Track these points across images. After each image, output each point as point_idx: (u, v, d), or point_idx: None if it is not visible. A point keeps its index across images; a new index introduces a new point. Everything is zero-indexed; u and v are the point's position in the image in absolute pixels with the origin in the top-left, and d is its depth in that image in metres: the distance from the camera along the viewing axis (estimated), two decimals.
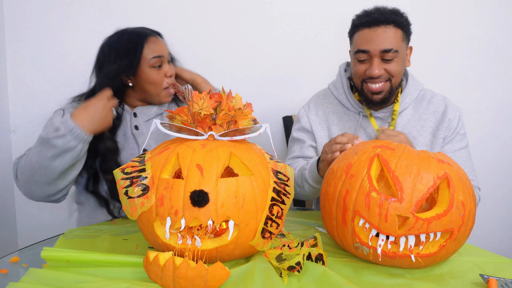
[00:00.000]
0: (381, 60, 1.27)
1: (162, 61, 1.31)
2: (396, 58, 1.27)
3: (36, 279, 0.74)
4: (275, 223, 0.83)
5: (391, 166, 0.85)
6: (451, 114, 1.36)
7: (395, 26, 1.26)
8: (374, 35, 1.25)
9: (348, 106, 1.42)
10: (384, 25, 1.25)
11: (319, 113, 1.46)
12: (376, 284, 0.80)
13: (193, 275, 0.70)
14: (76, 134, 1.08)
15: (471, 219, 0.87)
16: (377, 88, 1.30)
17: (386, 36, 1.25)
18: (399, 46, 1.27)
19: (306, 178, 1.27)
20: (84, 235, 1.05)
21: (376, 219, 0.82)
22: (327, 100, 1.48)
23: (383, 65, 1.27)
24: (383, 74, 1.28)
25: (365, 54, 1.27)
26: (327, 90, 1.51)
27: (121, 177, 0.83)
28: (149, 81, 1.30)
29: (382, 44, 1.25)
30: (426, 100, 1.41)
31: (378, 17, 1.26)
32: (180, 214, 0.77)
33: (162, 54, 1.30)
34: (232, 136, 0.87)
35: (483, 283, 0.81)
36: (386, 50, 1.25)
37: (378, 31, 1.25)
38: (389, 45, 1.25)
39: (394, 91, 1.33)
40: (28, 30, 1.77)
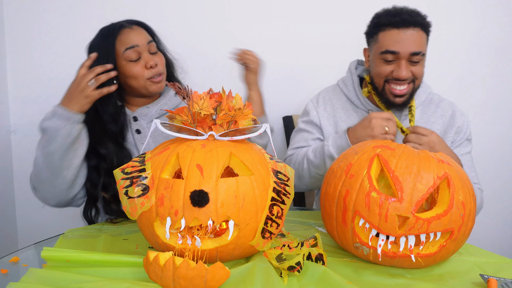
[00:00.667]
0: (408, 62, 1.27)
1: (139, 52, 1.24)
2: (421, 61, 1.28)
3: (36, 279, 0.74)
4: (275, 223, 0.83)
5: (391, 166, 0.85)
6: (461, 120, 1.39)
7: (421, 29, 1.27)
8: (404, 37, 1.25)
9: (357, 103, 1.42)
10: (413, 27, 1.25)
11: (327, 108, 1.46)
12: (376, 284, 0.80)
13: (193, 275, 0.70)
14: (59, 113, 1.13)
15: (471, 219, 0.87)
16: (401, 91, 1.29)
17: (416, 39, 1.25)
18: (425, 49, 1.29)
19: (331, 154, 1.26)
20: (84, 235, 1.05)
21: (376, 219, 0.82)
22: (336, 96, 1.47)
23: (409, 67, 1.27)
24: (410, 76, 1.28)
25: (393, 55, 1.26)
26: (336, 86, 1.51)
27: (121, 177, 0.83)
28: (128, 75, 1.25)
29: (412, 46, 1.24)
30: (434, 103, 1.42)
31: (407, 19, 1.25)
32: (180, 214, 0.77)
33: (135, 44, 1.23)
34: (232, 136, 0.87)
35: (483, 283, 0.81)
36: (415, 53, 1.24)
37: (407, 33, 1.25)
38: (419, 48, 1.25)
39: (414, 93, 1.34)
40: (28, 30, 1.77)
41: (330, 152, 1.26)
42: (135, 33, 1.26)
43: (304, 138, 1.45)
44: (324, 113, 1.45)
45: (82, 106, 1.16)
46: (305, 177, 1.35)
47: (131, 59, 1.24)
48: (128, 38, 1.24)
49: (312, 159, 1.32)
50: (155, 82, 1.28)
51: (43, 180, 1.16)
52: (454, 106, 1.42)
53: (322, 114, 1.45)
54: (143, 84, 1.27)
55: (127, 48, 1.23)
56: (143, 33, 1.28)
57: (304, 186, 1.41)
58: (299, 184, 1.40)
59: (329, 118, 1.45)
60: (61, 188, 1.17)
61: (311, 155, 1.33)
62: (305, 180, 1.37)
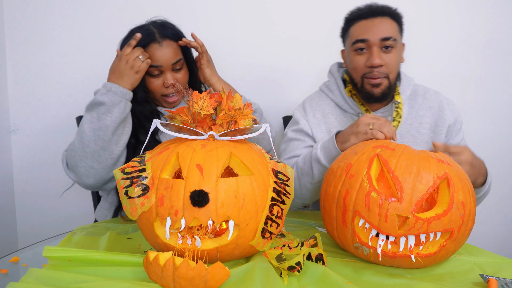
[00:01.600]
0: (380, 49, 1.25)
1: (162, 70, 1.28)
2: (394, 48, 1.26)
3: (36, 279, 0.74)
4: (275, 223, 0.83)
5: (391, 166, 0.85)
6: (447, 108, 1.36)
7: (391, 18, 1.27)
8: (372, 25, 1.25)
9: (346, 108, 1.38)
10: (381, 16, 1.26)
11: (317, 114, 1.40)
12: (376, 284, 0.80)
13: (193, 275, 0.70)
14: (115, 90, 1.19)
15: (471, 219, 0.87)
16: (376, 81, 1.27)
17: (384, 25, 1.25)
18: (397, 36, 1.27)
19: (318, 158, 1.17)
20: (92, 232, 1.05)
21: (376, 219, 0.82)
22: (324, 102, 1.42)
23: (382, 55, 1.25)
24: (383, 64, 1.25)
25: (364, 44, 1.26)
26: (321, 92, 1.46)
27: (121, 177, 0.83)
28: (147, 86, 1.30)
29: (381, 32, 1.24)
30: (420, 95, 1.38)
31: (375, 9, 1.27)
32: (180, 214, 0.77)
33: (159, 64, 1.26)
34: (232, 136, 0.87)
35: (483, 283, 0.81)
36: (385, 37, 1.24)
37: (375, 21, 1.25)
38: (388, 33, 1.24)
39: (393, 87, 1.31)
40: (28, 30, 1.77)
41: (317, 156, 1.17)
42: (162, 52, 1.27)
43: (295, 147, 1.37)
44: (314, 120, 1.39)
45: (134, 82, 1.22)
46: (296, 189, 1.24)
47: (152, 74, 1.28)
48: (154, 55, 1.26)
49: (301, 165, 1.24)
50: (168, 101, 1.32)
51: (88, 155, 1.17)
52: (439, 95, 1.39)
53: (312, 122, 1.39)
54: (158, 98, 1.33)
55: (151, 66, 1.26)
56: (171, 50, 1.28)
57: (298, 200, 1.29)
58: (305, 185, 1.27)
59: (319, 125, 1.39)
60: (106, 164, 1.19)
61: (300, 163, 1.25)
62: (296, 193, 1.25)
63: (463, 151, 1.09)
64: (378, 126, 1.05)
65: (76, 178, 1.21)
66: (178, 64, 1.30)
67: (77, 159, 1.18)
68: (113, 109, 1.17)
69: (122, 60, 1.21)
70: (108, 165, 1.19)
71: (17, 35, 1.77)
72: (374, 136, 1.03)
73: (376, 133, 1.03)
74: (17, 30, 1.77)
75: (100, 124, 1.16)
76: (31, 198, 1.85)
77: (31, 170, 1.84)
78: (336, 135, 1.15)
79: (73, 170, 1.20)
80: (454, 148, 1.10)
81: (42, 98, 1.80)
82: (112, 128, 1.17)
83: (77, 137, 1.19)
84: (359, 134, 1.07)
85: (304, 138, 1.37)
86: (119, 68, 1.21)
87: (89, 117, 1.18)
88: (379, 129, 1.04)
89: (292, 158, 1.33)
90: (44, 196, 1.84)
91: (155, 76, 1.28)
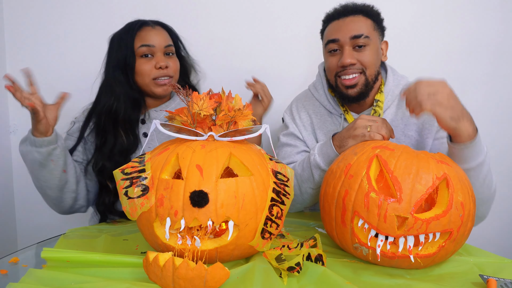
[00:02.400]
0: (352, 48, 1.21)
1: (153, 52, 1.27)
2: (368, 46, 1.21)
3: (36, 280, 0.74)
4: (275, 224, 0.83)
5: (390, 166, 0.85)
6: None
7: (364, 16, 1.23)
8: (343, 24, 1.22)
9: (330, 108, 1.34)
10: (352, 15, 1.22)
11: (303, 116, 1.38)
12: (375, 284, 0.80)
13: (192, 275, 0.70)
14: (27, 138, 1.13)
15: (470, 220, 0.87)
16: (351, 81, 1.22)
17: (355, 23, 1.21)
18: (370, 33, 1.21)
19: (318, 164, 1.15)
20: (85, 235, 1.05)
21: (375, 220, 0.82)
22: (309, 102, 1.39)
23: (354, 54, 1.21)
24: (356, 63, 1.21)
25: (335, 44, 1.22)
26: (308, 91, 1.43)
27: (121, 178, 0.83)
28: (137, 71, 1.28)
29: (352, 30, 1.20)
30: None
31: (346, 8, 1.24)
32: (179, 215, 0.77)
33: (151, 44, 1.26)
34: (232, 136, 0.87)
35: (482, 283, 0.81)
36: (356, 36, 1.19)
37: (346, 20, 1.22)
38: (359, 30, 1.20)
39: (371, 85, 1.24)
40: (27, 30, 1.77)
41: (316, 162, 1.15)
42: (155, 32, 1.29)
43: (288, 153, 1.34)
44: (301, 122, 1.37)
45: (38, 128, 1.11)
46: (296, 195, 1.22)
47: (143, 54, 1.27)
48: (146, 35, 1.27)
49: (300, 172, 1.21)
50: (159, 84, 1.30)
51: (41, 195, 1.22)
52: None
53: (300, 125, 1.37)
54: (148, 83, 1.29)
55: (143, 44, 1.26)
56: (163, 35, 1.30)
57: (299, 205, 1.27)
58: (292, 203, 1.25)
59: (306, 127, 1.36)
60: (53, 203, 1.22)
61: (299, 169, 1.22)
62: (297, 199, 1.23)
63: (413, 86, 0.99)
64: (376, 128, 1.03)
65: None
66: (169, 48, 1.31)
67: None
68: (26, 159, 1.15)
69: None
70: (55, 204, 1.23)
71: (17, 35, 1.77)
72: (372, 139, 1.02)
73: (374, 135, 1.03)
74: (17, 30, 1.77)
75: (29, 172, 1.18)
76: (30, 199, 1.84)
77: None
78: (332, 137, 1.14)
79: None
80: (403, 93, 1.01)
81: None
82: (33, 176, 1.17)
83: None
84: (357, 137, 1.05)
85: (296, 143, 1.35)
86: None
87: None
88: (377, 131, 1.03)
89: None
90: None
91: (147, 57, 1.27)
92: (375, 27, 1.24)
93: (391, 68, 1.34)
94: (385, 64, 1.35)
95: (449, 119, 0.95)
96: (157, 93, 1.31)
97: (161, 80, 1.29)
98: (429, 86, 0.96)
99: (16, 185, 1.85)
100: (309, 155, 1.19)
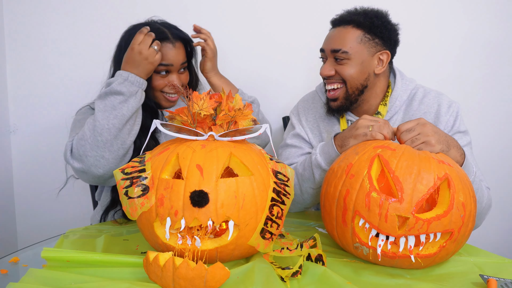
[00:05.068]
0: (334, 60, 1.22)
1: (170, 70, 1.28)
2: (348, 60, 1.19)
3: (36, 279, 0.74)
4: (275, 224, 0.83)
5: (392, 166, 0.85)
6: (446, 113, 1.24)
7: (354, 27, 1.19)
8: (331, 35, 1.23)
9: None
10: (343, 26, 1.21)
11: (309, 118, 1.37)
12: (375, 284, 0.80)
13: (193, 275, 0.70)
14: (132, 80, 1.18)
15: (471, 220, 0.87)
16: (333, 94, 1.24)
17: (338, 36, 1.20)
18: (353, 48, 1.19)
19: (319, 163, 1.14)
20: (85, 235, 1.05)
21: (376, 219, 0.82)
22: (316, 105, 1.38)
23: (335, 66, 1.22)
24: (333, 75, 1.22)
25: (322, 53, 1.26)
26: (315, 93, 1.42)
27: (121, 178, 0.83)
28: (150, 84, 1.28)
29: (332, 43, 1.21)
30: (417, 100, 1.28)
31: (338, 18, 1.24)
32: (180, 215, 0.77)
33: (170, 63, 1.27)
34: (232, 136, 0.87)
35: (483, 283, 0.81)
36: (334, 50, 1.20)
37: (335, 31, 1.23)
38: (338, 45, 1.19)
39: (352, 99, 1.24)
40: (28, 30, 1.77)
41: (317, 161, 1.14)
42: (175, 52, 1.28)
43: (291, 154, 1.32)
44: (307, 124, 1.36)
45: (149, 72, 1.21)
46: (297, 195, 1.21)
47: (160, 72, 1.27)
48: (167, 54, 1.26)
49: (301, 172, 1.20)
50: (169, 99, 1.32)
51: (100, 144, 1.14)
52: (441, 98, 1.27)
53: (306, 127, 1.35)
54: (157, 95, 1.31)
55: (162, 64, 1.25)
56: (182, 52, 1.30)
57: (299, 205, 1.26)
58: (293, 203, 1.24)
59: (313, 129, 1.35)
60: (118, 154, 1.17)
61: (300, 169, 1.21)
62: (298, 198, 1.22)
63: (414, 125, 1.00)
64: (378, 128, 1.02)
65: (84, 167, 1.17)
66: (183, 65, 1.32)
67: (87, 148, 1.15)
68: (130, 99, 1.17)
69: (135, 50, 1.20)
70: (119, 155, 1.17)
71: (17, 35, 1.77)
72: (374, 138, 1.01)
73: (376, 134, 1.02)
74: (17, 30, 1.77)
75: (116, 113, 1.15)
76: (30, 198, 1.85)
77: (31, 170, 1.83)
78: (334, 137, 1.13)
79: (81, 160, 1.16)
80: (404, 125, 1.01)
81: (42, 98, 1.80)
82: (127, 117, 1.16)
83: (89, 126, 1.16)
84: (358, 136, 1.04)
85: (301, 145, 1.34)
86: (133, 58, 1.19)
87: (102, 106, 1.16)
88: (379, 130, 1.02)
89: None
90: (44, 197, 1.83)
91: (162, 75, 1.28)
92: (364, 39, 1.20)
93: (399, 72, 1.32)
94: (394, 69, 1.33)
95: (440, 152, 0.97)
96: (164, 106, 1.34)
97: (171, 97, 1.32)
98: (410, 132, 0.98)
99: (16, 185, 1.85)
100: (311, 154, 1.19)
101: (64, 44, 1.79)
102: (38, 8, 1.76)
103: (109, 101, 1.16)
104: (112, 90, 1.16)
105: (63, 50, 1.79)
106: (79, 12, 1.78)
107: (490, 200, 1.17)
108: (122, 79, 1.17)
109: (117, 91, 1.16)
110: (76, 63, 1.79)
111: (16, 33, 1.77)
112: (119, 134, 1.15)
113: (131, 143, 1.19)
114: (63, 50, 1.79)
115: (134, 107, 1.17)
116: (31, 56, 1.79)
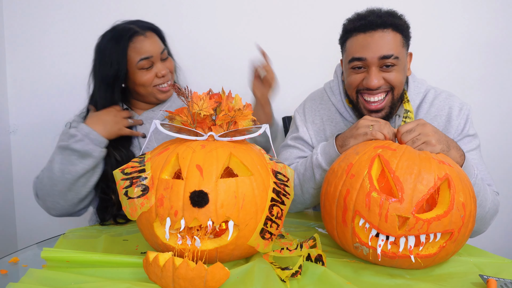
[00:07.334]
0: (379, 68, 1.12)
1: (152, 62, 1.25)
2: (396, 66, 1.12)
3: (36, 280, 0.74)
4: (275, 224, 0.83)
5: (392, 166, 0.85)
6: (458, 117, 1.21)
7: (394, 30, 1.12)
8: (371, 41, 1.10)
9: (346, 115, 1.28)
10: (381, 29, 1.10)
11: (316, 120, 1.32)
12: (375, 284, 0.80)
13: (193, 275, 0.70)
14: (92, 137, 1.17)
15: (471, 221, 0.87)
16: (376, 106, 1.15)
17: (385, 41, 1.10)
18: (400, 52, 1.12)
19: (319, 163, 1.12)
20: (84, 235, 1.05)
21: (376, 219, 0.82)
22: (324, 106, 1.32)
23: (382, 74, 1.13)
24: (383, 84, 1.13)
25: (361, 62, 1.13)
26: (324, 92, 1.35)
27: (121, 178, 0.83)
28: (138, 83, 1.27)
29: (381, 49, 1.10)
30: (427, 102, 1.24)
31: (374, 20, 1.11)
32: (179, 215, 0.77)
33: (150, 55, 1.24)
34: (232, 136, 0.87)
35: (482, 283, 0.81)
36: (385, 56, 1.10)
37: (375, 36, 1.10)
38: (389, 50, 1.10)
39: (396, 104, 1.18)
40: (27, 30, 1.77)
41: (318, 161, 1.12)
42: (149, 42, 1.25)
43: (291, 155, 1.29)
44: (313, 127, 1.31)
45: (111, 135, 1.21)
46: (298, 195, 1.20)
47: (144, 68, 1.25)
48: (142, 47, 1.24)
49: (302, 172, 1.18)
50: (163, 90, 1.31)
51: (55, 193, 1.17)
52: (452, 101, 1.24)
53: (311, 129, 1.31)
54: (151, 91, 1.30)
55: (142, 58, 1.23)
56: (156, 41, 1.28)
57: (300, 205, 1.24)
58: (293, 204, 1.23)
59: (319, 132, 1.30)
60: (72, 202, 1.19)
61: (301, 169, 1.18)
62: (298, 199, 1.21)
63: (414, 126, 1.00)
64: (378, 128, 1.02)
65: (43, 207, 1.23)
66: (164, 53, 1.29)
67: (44, 193, 1.18)
68: (86, 157, 1.16)
69: (110, 112, 1.22)
70: (74, 203, 1.19)
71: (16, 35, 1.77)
72: (374, 137, 1.01)
73: (376, 133, 1.01)
74: (16, 30, 1.77)
75: (71, 169, 1.15)
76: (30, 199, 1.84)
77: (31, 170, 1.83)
78: (335, 137, 1.12)
79: (42, 199, 1.20)
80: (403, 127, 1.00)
81: (41, 98, 1.80)
82: (81, 174, 1.16)
83: (46, 173, 1.17)
84: (359, 136, 1.03)
85: (303, 147, 1.31)
86: (102, 117, 1.21)
87: (60, 158, 1.16)
88: (379, 130, 1.01)
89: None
90: None
91: (147, 69, 1.26)
92: (404, 42, 1.15)
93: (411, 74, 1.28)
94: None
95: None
96: (161, 99, 1.33)
97: (163, 87, 1.30)
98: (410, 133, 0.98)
99: (16, 185, 1.85)
100: (312, 154, 1.17)
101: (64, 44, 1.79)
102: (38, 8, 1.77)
103: (66, 155, 1.16)
104: (69, 147, 1.15)
105: (63, 50, 1.79)
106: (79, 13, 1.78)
107: (496, 205, 1.14)
108: (82, 135, 1.16)
109: (74, 149, 1.15)
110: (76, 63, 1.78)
111: (16, 33, 1.77)
112: (73, 187, 1.17)
113: (87, 193, 1.20)
114: (63, 51, 1.79)
115: (90, 166, 1.17)
116: (31, 56, 1.79)
